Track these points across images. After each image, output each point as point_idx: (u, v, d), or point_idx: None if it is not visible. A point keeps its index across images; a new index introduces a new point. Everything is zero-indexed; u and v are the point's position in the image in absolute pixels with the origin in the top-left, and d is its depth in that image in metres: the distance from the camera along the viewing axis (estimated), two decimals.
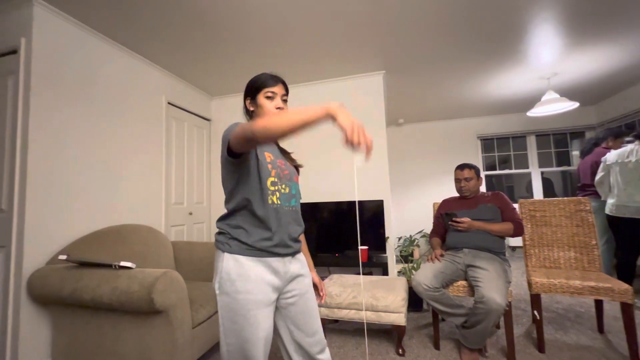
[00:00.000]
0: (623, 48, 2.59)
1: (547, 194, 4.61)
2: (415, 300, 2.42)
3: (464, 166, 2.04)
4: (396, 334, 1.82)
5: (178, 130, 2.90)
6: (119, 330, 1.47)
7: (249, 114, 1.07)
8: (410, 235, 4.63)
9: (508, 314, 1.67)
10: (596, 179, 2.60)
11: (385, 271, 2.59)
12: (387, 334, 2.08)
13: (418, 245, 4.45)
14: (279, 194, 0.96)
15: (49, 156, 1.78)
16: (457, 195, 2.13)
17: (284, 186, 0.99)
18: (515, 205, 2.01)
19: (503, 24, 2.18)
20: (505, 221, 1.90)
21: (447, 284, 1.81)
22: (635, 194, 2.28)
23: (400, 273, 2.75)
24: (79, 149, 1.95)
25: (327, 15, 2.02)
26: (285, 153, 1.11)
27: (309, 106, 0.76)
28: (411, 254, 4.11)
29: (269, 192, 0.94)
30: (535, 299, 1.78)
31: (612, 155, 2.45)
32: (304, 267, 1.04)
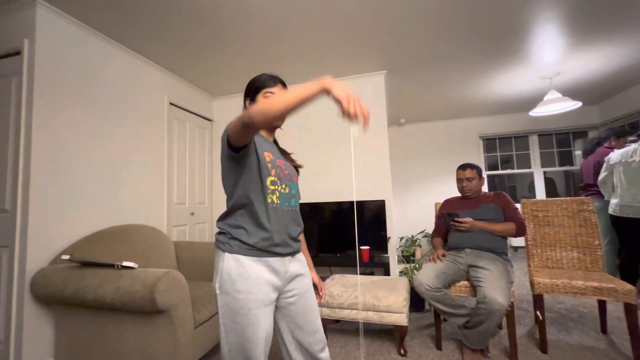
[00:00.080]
0: (626, 47, 2.57)
1: (550, 194, 4.59)
2: (417, 301, 2.41)
3: (465, 166, 2.03)
4: (398, 334, 1.82)
5: (180, 130, 2.91)
6: (121, 330, 1.48)
7: None
8: (412, 236, 4.63)
9: (510, 315, 1.67)
10: (599, 179, 2.59)
11: (387, 271, 2.59)
12: (389, 334, 2.07)
13: (420, 246, 4.44)
14: (278, 194, 0.97)
15: (52, 157, 1.79)
16: (459, 195, 2.13)
17: (284, 186, 0.99)
18: (518, 205, 2.00)
19: (505, 24, 2.17)
20: (508, 221, 1.90)
21: (449, 284, 1.80)
22: (639, 194, 2.26)
23: (402, 273, 2.75)
24: (81, 150, 1.96)
25: (328, 15, 2.02)
26: (285, 153, 1.12)
27: (303, 84, 0.76)
28: (413, 254, 4.10)
29: (269, 192, 0.94)
30: (537, 300, 1.77)
31: (616, 155, 2.43)
32: (303, 267, 1.05)
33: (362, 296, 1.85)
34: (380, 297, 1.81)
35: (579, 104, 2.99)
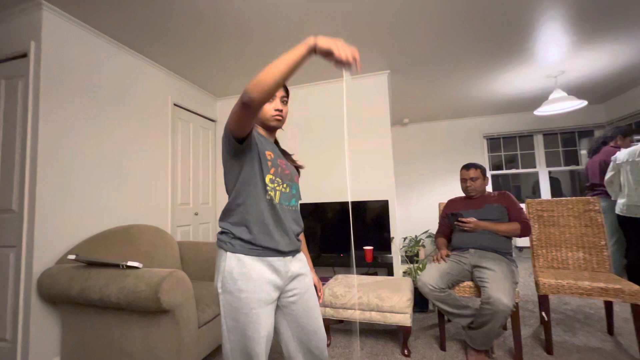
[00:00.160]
0: (631, 45, 2.54)
1: (555, 193, 4.55)
2: (421, 301, 2.40)
3: (469, 166, 2.02)
4: (402, 334, 1.81)
5: (184, 131, 2.92)
6: (126, 329, 1.49)
7: None
8: (416, 236, 4.61)
9: (515, 315, 1.65)
10: (606, 179, 2.56)
11: (390, 272, 2.58)
12: (393, 334, 2.07)
13: (423, 246, 4.42)
14: (279, 193, 0.97)
15: (58, 158, 1.81)
16: (463, 195, 2.12)
17: (285, 185, 1.00)
18: (522, 205, 1.98)
19: (509, 22, 2.16)
20: (512, 221, 1.88)
21: (453, 285, 1.79)
22: None
23: (405, 273, 2.74)
24: (86, 151, 1.98)
25: (331, 15, 2.02)
26: (286, 154, 1.12)
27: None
28: (416, 254, 4.09)
29: (269, 189, 0.95)
30: (543, 300, 1.76)
31: (623, 154, 2.40)
32: (304, 266, 1.05)
33: (366, 296, 1.84)
34: (383, 298, 1.81)
35: (585, 103, 2.96)
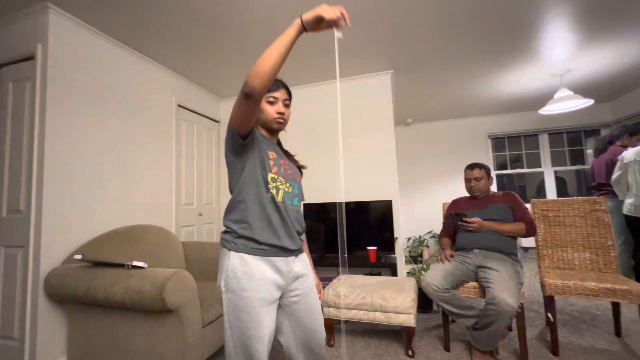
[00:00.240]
0: (638, 43, 2.51)
1: (561, 193, 4.50)
2: (425, 301, 2.39)
3: (474, 166, 2.01)
4: (405, 335, 1.81)
5: (188, 132, 2.94)
6: (131, 329, 1.50)
7: None
8: (420, 236, 4.59)
9: (520, 316, 1.64)
10: (613, 178, 2.52)
11: (394, 272, 2.57)
12: (397, 334, 2.06)
13: (427, 246, 4.40)
14: (282, 192, 0.98)
15: (64, 159, 1.83)
16: (467, 195, 2.10)
17: (288, 185, 1.00)
18: (527, 205, 1.97)
19: (514, 21, 2.14)
20: (517, 221, 1.87)
21: (457, 285, 1.78)
22: None
23: (409, 274, 2.73)
24: (92, 152, 2.00)
25: None
26: (288, 155, 1.14)
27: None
28: (420, 255, 4.07)
29: (271, 187, 0.96)
30: (548, 301, 1.74)
31: (630, 154, 2.37)
32: (306, 267, 1.06)
33: (370, 297, 1.84)
34: (387, 298, 1.81)
35: (591, 102, 2.92)
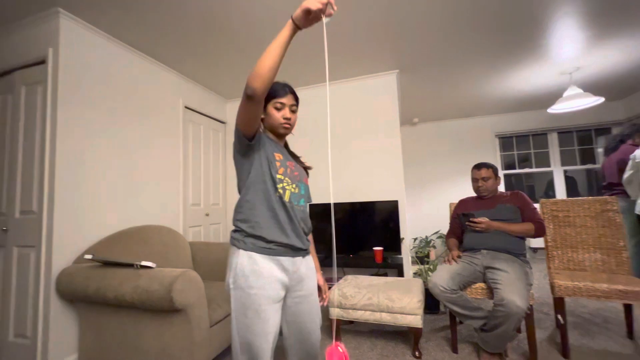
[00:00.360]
0: None
1: (571, 193, 4.42)
2: (432, 302, 2.37)
3: (481, 165, 1.99)
4: (412, 336, 1.80)
5: (195, 133, 2.97)
6: (140, 328, 1.53)
7: (261, 121, 1.11)
8: (426, 236, 4.56)
9: (530, 318, 1.62)
10: (624, 178, 2.47)
11: (400, 272, 2.56)
12: (403, 335, 2.05)
13: (434, 247, 4.37)
14: (289, 192, 1.00)
15: (75, 161, 1.87)
16: (475, 195, 2.08)
17: (294, 186, 1.02)
18: (536, 205, 1.94)
19: (522, 18, 2.11)
20: (526, 221, 1.84)
21: (465, 286, 1.77)
22: None
23: (416, 274, 2.71)
24: (102, 154, 2.03)
25: (339, 16, 2.02)
26: (295, 156, 1.16)
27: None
28: (427, 255, 4.04)
29: (278, 187, 0.98)
30: (558, 303, 1.71)
31: None
32: (310, 269, 1.09)
33: (376, 297, 1.83)
34: (394, 299, 1.80)
35: (602, 100, 2.87)
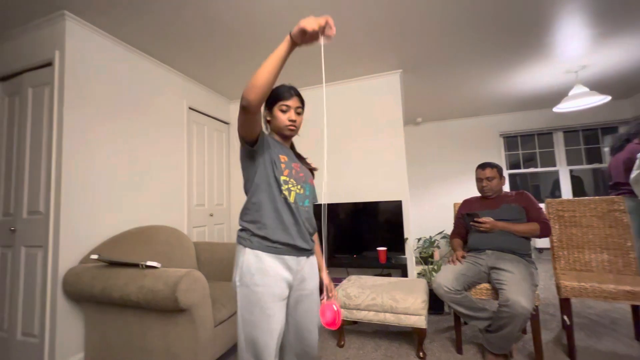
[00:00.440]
0: None
1: (577, 193, 4.37)
2: (436, 303, 2.36)
3: (485, 165, 1.97)
4: (416, 336, 1.79)
5: (199, 134, 2.99)
6: (145, 327, 1.54)
7: (267, 123, 1.14)
8: (430, 237, 4.54)
9: (535, 319, 1.61)
10: (632, 177, 2.43)
11: (404, 273, 2.55)
12: (407, 336, 2.04)
13: (438, 247, 4.35)
14: (294, 194, 1.02)
15: (81, 162, 1.89)
16: (479, 195, 2.07)
17: (299, 187, 1.04)
18: (542, 205, 1.92)
19: (527, 16, 2.10)
20: (531, 221, 1.83)
21: (469, 287, 1.75)
22: None
23: (420, 275, 2.70)
24: (107, 155, 2.05)
25: (343, 16, 2.02)
26: (301, 158, 1.18)
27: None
28: (431, 256, 4.02)
29: (283, 189, 1.00)
30: (564, 304, 1.70)
31: None
32: (313, 270, 1.11)
33: (380, 298, 1.83)
34: (398, 299, 1.79)
35: (608, 98, 2.84)
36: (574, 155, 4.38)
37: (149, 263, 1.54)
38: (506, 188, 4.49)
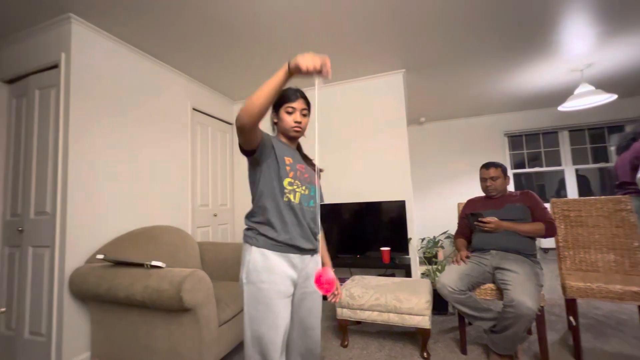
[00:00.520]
0: None
1: (584, 192, 4.33)
2: (440, 303, 2.35)
3: (489, 165, 1.96)
4: (420, 337, 1.78)
5: (202, 134, 3.00)
6: (151, 327, 1.55)
7: (274, 125, 1.17)
8: (434, 237, 4.52)
9: (541, 319, 1.59)
10: (638, 176, 2.41)
11: (408, 273, 2.54)
12: (411, 336, 2.04)
13: (442, 247, 4.33)
14: (299, 195, 1.04)
15: (87, 163, 1.91)
16: (483, 195, 2.06)
17: (304, 188, 1.06)
18: (547, 205, 1.91)
19: (532, 14, 2.08)
20: (536, 221, 1.82)
21: (474, 287, 1.75)
22: None
23: (424, 275, 2.69)
24: (113, 156, 2.07)
25: (345, 15, 2.02)
26: (307, 159, 1.20)
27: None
28: (435, 256, 4.01)
29: (287, 191, 1.02)
30: (570, 304, 1.68)
31: None
32: (318, 268, 1.12)
33: (384, 298, 1.83)
34: (401, 299, 1.79)
35: (614, 97, 2.81)
36: (580, 154, 4.33)
37: (154, 263, 1.56)
38: (511, 188, 4.46)
